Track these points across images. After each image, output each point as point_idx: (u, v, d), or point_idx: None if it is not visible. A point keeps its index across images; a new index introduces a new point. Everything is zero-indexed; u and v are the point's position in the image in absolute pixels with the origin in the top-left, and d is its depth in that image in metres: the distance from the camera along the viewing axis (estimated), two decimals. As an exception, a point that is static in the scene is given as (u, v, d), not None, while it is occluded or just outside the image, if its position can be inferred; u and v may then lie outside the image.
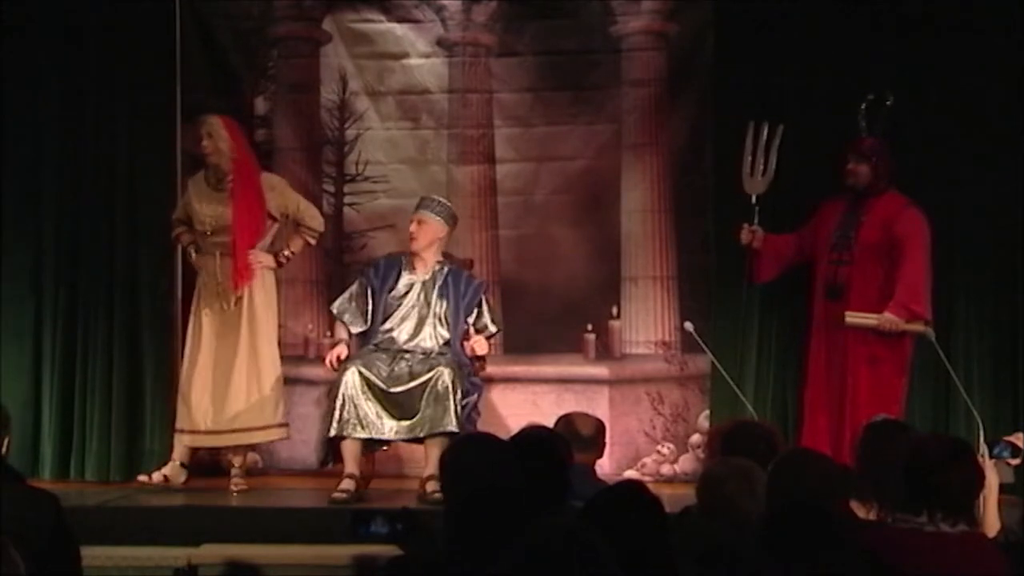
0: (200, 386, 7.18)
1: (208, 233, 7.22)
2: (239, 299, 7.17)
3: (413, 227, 7.21)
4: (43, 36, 7.72)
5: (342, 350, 7.15)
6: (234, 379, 7.18)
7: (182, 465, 7.24)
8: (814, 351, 7.22)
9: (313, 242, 7.43)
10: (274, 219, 7.30)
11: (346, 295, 7.33)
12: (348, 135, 8.09)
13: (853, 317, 7.01)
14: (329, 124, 8.11)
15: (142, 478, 7.25)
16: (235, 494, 7.16)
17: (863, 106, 7.15)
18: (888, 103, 7.15)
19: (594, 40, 7.97)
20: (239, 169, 7.20)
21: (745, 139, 7.22)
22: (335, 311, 7.33)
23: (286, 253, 7.33)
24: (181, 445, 7.25)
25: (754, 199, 7.22)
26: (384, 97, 8.09)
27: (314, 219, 7.36)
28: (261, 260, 7.22)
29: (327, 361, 7.19)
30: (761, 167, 7.22)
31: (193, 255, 7.29)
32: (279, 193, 7.31)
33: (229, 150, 7.18)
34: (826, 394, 7.14)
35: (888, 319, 6.97)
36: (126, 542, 6.19)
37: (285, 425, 7.37)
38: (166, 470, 7.22)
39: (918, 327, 6.99)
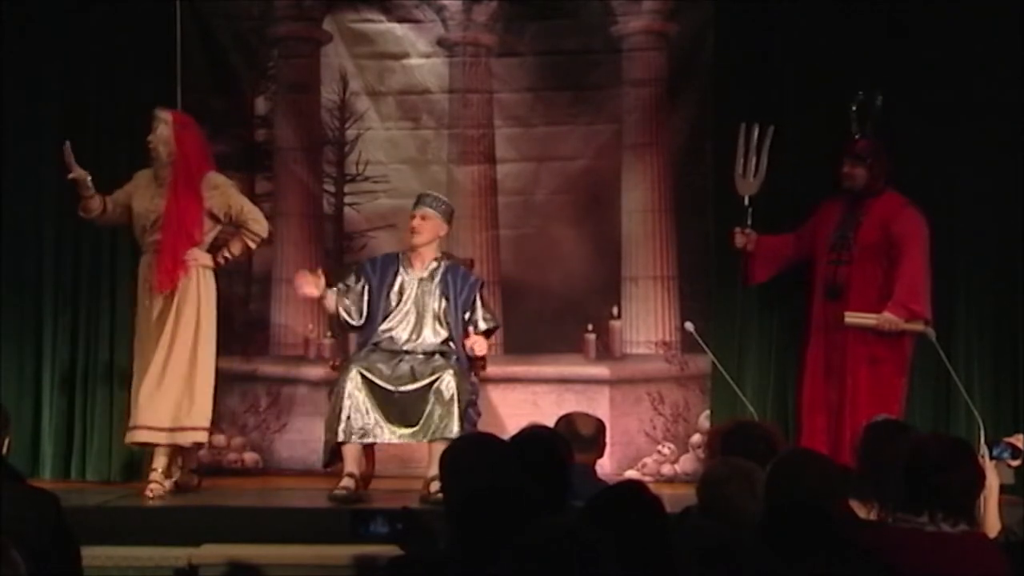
0: (137, 384, 7.04)
1: (147, 227, 7.04)
2: (171, 295, 6.98)
3: (416, 222, 7.15)
4: (43, 36, 7.72)
5: (320, 282, 7.05)
6: (168, 378, 6.98)
7: (163, 472, 7.03)
8: (813, 351, 7.22)
9: (254, 246, 7.27)
10: (216, 220, 7.12)
11: (343, 288, 7.22)
12: (348, 135, 8.09)
13: (852, 317, 7.02)
14: (329, 124, 8.11)
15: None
16: (151, 498, 6.92)
17: (853, 107, 7.16)
18: (878, 103, 7.15)
19: (594, 40, 7.97)
20: (177, 166, 7.00)
21: (737, 141, 7.23)
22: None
23: (225, 255, 7.15)
24: (161, 456, 7.04)
25: (747, 200, 7.23)
26: (384, 97, 8.09)
27: (257, 223, 7.18)
28: (198, 258, 7.06)
29: (300, 288, 7.10)
30: (753, 168, 7.24)
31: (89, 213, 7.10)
32: (221, 193, 7.12)
33: (170, 145, 6.99)
34: (825, 394, 7.15)
35: (887, 319, 6.98)
36: (126, 542, 6.18)
37: (207, 429, 7.18)
38: (153, 486, 6.97)
39: (917, 326, 7.00)
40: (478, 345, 7.14)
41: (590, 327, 7.97)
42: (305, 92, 8.12)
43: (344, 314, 7.19)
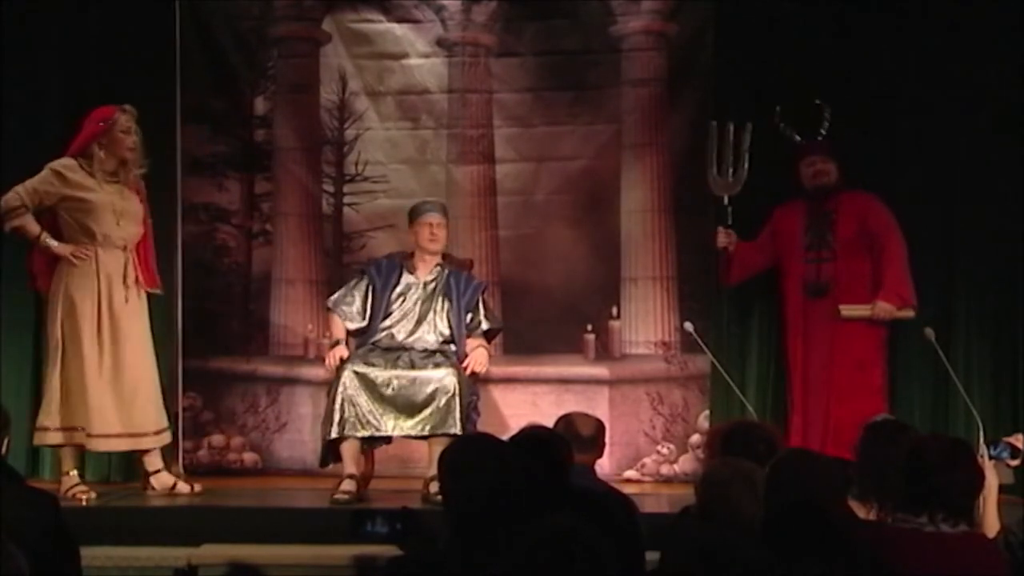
0: (101, 386, 6.85)
1: (116, 221, 6.90)
2: (128, 296, 6.90)
3: (436, 230, 7.20)
4: (43, 36, 7.72)
5: (342, 351, 7.14)
6: (137, 379, 6.91)
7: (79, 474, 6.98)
8: (793, 351, 7.29)
9: None
10: None
11: (345, 290, 7.30)
12: (348, 135, 8.09)
13: (848, 310, 7.09)
14: (329, 124, 8.11)
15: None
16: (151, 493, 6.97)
17: (778, 115, 7.21)
18: (826, 114, 7.21)
19: (594, 40, 7.97)
20: (134, 165, 6.94)
21: (707, 140, 7.27)
22: (330, 305, 7.29)
23: None
24: (155, 454, 7.03)
25: (726, 200, 7.26)
26: (384, 97, 8.09)
27: None
28: None
29: (327, 363, 7.16)
30: (730, 168, 7.26)
31: (52, 243, 6.85)
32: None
33: (137, 141, 6.95)
34: (809, 391, 7.20)
35: (882, 307, 7.10)
36: (126, 542, 6.19)
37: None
38: (80, 491, 6.85)
39: (908, 313, 7.12)
40: (476, 363, 7.12)
41: (589, 327, 7.96)
42: (304, 92, 8.12)
43: (350, 325, 7.24)
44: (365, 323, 7.23)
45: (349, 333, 7.28)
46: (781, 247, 7.32)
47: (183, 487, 7.04)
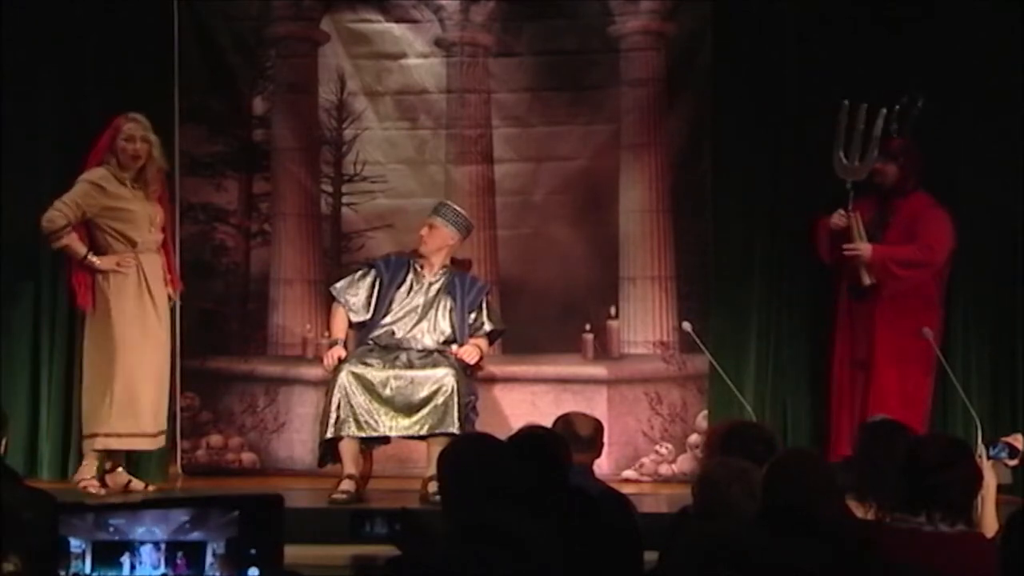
0: (145, 387, 7.02)
1: (150, 227, 7.04)
2: (153, 298, 7.06)
3: (424, 231, 7.25)
4: (43, 36, 7.72)
5: (340, 351, 7.14)
6: (158, 380, 7.08)
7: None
8: (839, 350, 7.25)
9: None
10: None
11: (350, 281, 7.32)
12: (346, 135, 8.09)
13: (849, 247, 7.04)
14: (327, 124, 8.11)
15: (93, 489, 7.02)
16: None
17: (895, 107, 7.15)
18: (919, 104, 7.16)
19: (592, 40, 7.97)
20: (152, 169, 7.05)
21: (839, 122, 7.16)
22: (335, 293, 7.31)
23: None
24: (101, 457, 7.08)
25: (849, 185, 7.18)
26: (382, 97, 8.09)
27: None
28: None
29: (325, 362, 7.17)
30: (858, 152, 7.17)
31: (96, 261, 6.98)
32: None
33: (148, 146, 7.03)
34: (850, 393, 7.18)
35: (866, 248, 7.03)
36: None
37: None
38: (95, 484, 7.01)
39: (868, 280, 7.01)
40: (467, 354, 7.14)
41: (588, 327, 7.96)
42: (303, 92, 8.12)
43: (353, 317, 7.27)
44: (368, 316, 7.25)
45: (350, 325, 7.29)
46: (843, 242, 7.26)
47: (137, 484, 7.09)
